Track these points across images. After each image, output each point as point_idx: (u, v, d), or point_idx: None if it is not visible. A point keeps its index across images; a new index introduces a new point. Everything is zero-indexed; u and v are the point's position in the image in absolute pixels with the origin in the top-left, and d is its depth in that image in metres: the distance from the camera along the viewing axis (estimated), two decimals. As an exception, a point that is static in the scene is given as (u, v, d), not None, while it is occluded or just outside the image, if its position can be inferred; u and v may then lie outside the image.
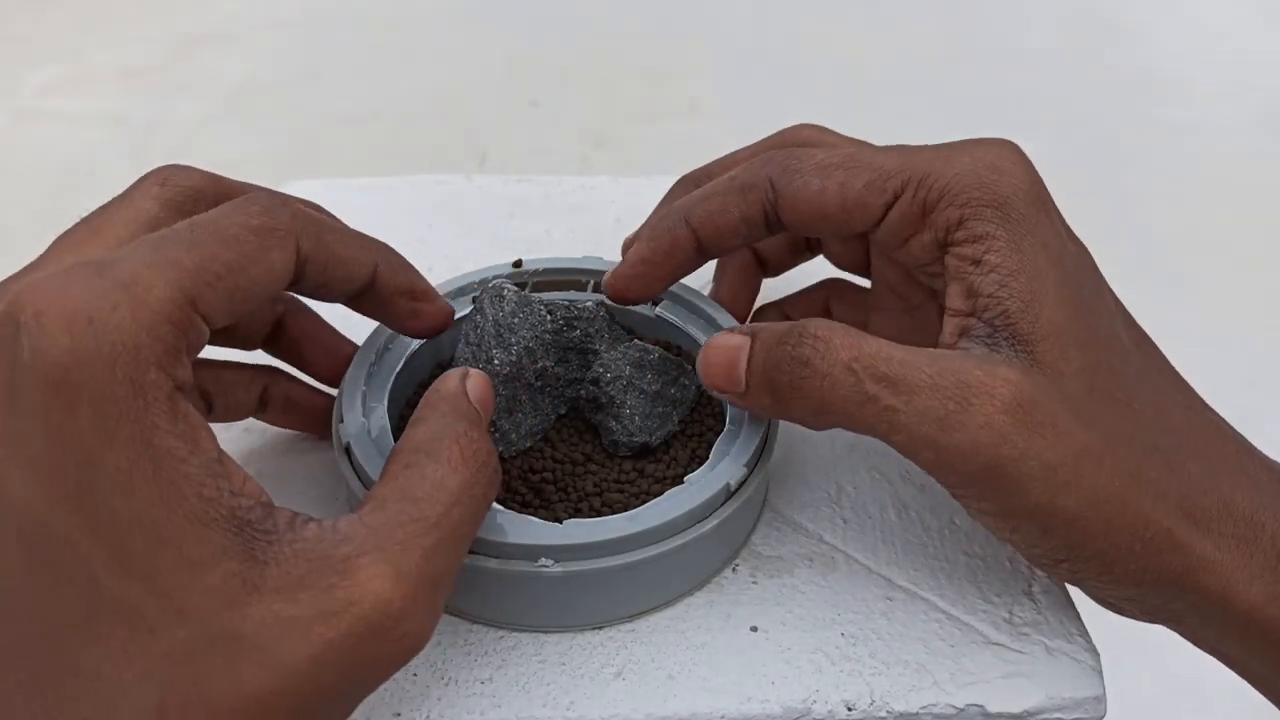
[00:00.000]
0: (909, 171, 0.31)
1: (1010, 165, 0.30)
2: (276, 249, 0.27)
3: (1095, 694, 0.30)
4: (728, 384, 0.31)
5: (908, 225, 0.31)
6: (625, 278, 0.34)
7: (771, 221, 0.33)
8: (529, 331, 0.33)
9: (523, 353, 0.33)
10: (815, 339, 0.29)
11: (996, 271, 0.29)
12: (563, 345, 0.35)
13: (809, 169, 0.32)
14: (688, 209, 0.33)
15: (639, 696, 0.30)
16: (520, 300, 0.34)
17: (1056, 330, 0.29)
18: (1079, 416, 0.28)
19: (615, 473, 0.34)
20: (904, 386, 0.27)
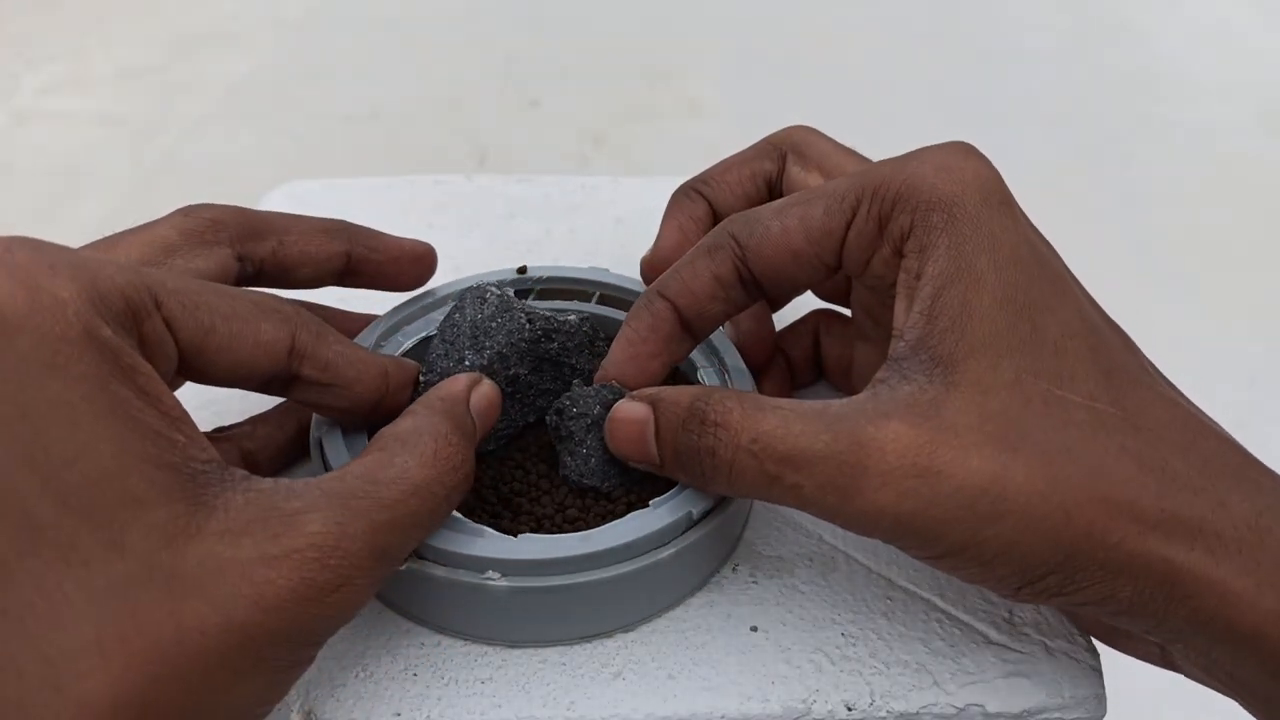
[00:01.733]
0: (861, 186, 0.30)
1: (960, 163, 0.30)
2: (270, 323, 0.28)
3: (1095, 693, 0.30)
4: (642, 458, 0.31)
5: (867, 243, 0.31)
6: (619, 364, 0.33)
7: (745, 279, 0.32)
8: (505, 337, 0.33)
9: (495, 358, 0.33)
10: (716, 427, 0.28)
11: (931, 284, 0.28)
12: (539, 355, 0.34)
13: (766, 215, 0.32)
14: (660, 284, 0.33)
15: (639, 696, 0.30)
16: (502, 304, 0.33)
17: (987, 341, 0.28)
18: (1003, 439, 0.26)
19: (580, 491, 0.33)
20: (802, 462, 0.27)
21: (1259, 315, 1.32)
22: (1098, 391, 0.28)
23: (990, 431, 0.27)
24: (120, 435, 0.23)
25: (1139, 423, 0.28)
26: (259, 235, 0.34)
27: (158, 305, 0.26)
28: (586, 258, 0.40)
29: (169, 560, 0.23)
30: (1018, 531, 0.26)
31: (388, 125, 1.66)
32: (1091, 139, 1.63)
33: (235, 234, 0.33)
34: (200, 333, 0.27)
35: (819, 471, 0.27)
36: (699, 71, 1.79)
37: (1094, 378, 0.28)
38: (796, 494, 0.27)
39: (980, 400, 0.27)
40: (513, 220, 0.48)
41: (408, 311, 0.37)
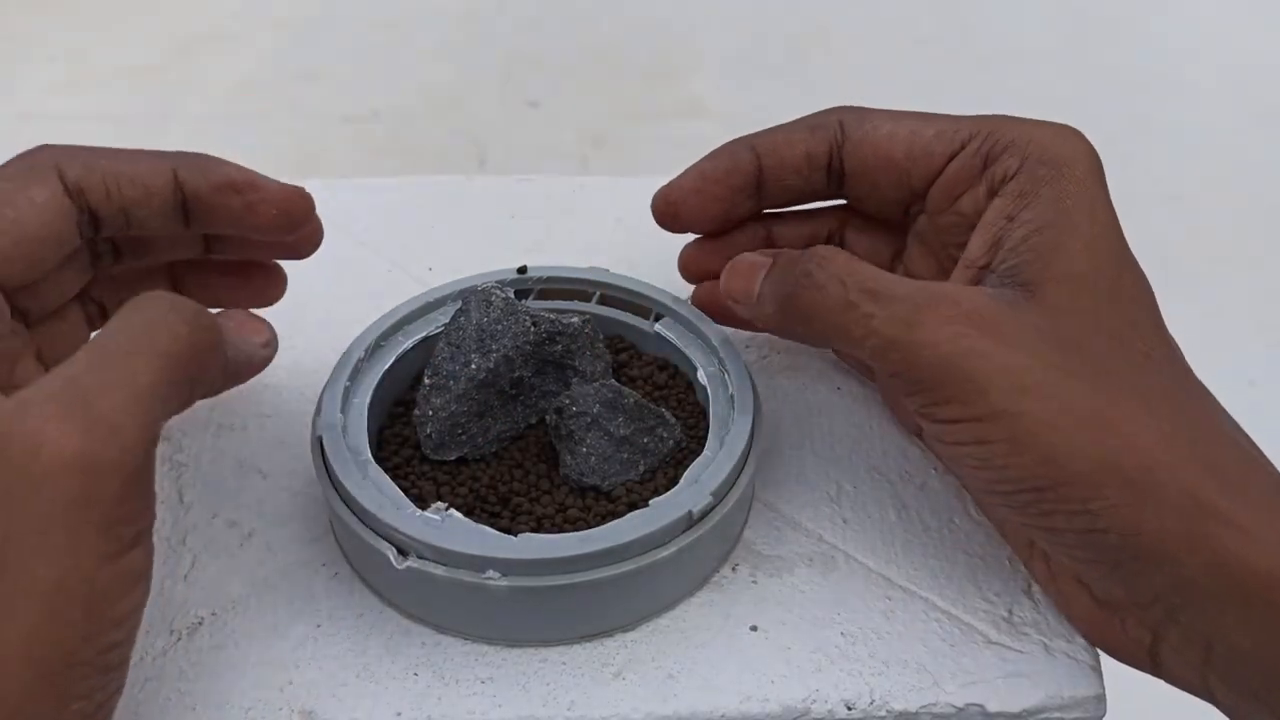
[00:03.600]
0: (979, 126, 0.32)
1: (1077, 138, 0.32)
2: (34, 184, 0.28)
3: (1095, 693, 0.30)
4: (742, 294, 0.33)
5: (966, 178, 0.32)
6: (683, 190, 0.34)
7: (834, 168, 0.33)
8: (510, 340, 0.33)
9: (500, 361, 0.33)
10: (820, 257, 0.30)
11: (1025, 227, 0.30)
12: (542, 358, 0.34)
13: (880, 116, 0.33)
14: (754, 136, 0.34)
15: (639, 696, 0.30)
16: (507, 307, 0.34)
17: (1072, 275, 0.29)
18: (1066, 346, 0.28)
19: (581, 491, 0.33)
20: (882, 296, 0.29)
21: (1259, 315, 1.32)
22: (1156, 345, 0.30)
23: (1054, 336, 0.28)
24: None
25: (1184, 383, 0.30)
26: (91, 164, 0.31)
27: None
28: (586, 258, 0.40)
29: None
30: (1059, 415, 0.27)
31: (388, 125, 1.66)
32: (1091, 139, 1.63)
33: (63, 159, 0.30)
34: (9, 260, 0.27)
35: (894, 306, 0.28)
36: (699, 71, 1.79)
37: (1157, 336, 0.30)
38: (867, 323, 0.29)
39: (1055, 316, 0.29)
40: (513, 220, 0.48)
41: (408, 311, 0.37)
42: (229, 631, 0.31)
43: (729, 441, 0.33)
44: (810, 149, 0.33)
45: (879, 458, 0.37)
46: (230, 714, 0.29)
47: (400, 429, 0.35)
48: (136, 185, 0.29)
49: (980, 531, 0.35)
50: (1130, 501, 0.26)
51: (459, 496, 0.33)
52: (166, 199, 0.30)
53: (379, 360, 0.36)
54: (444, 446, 0.33)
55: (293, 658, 0.31)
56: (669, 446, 0.34)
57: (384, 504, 0.30)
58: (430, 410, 0.33)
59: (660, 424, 0.34)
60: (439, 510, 0.30)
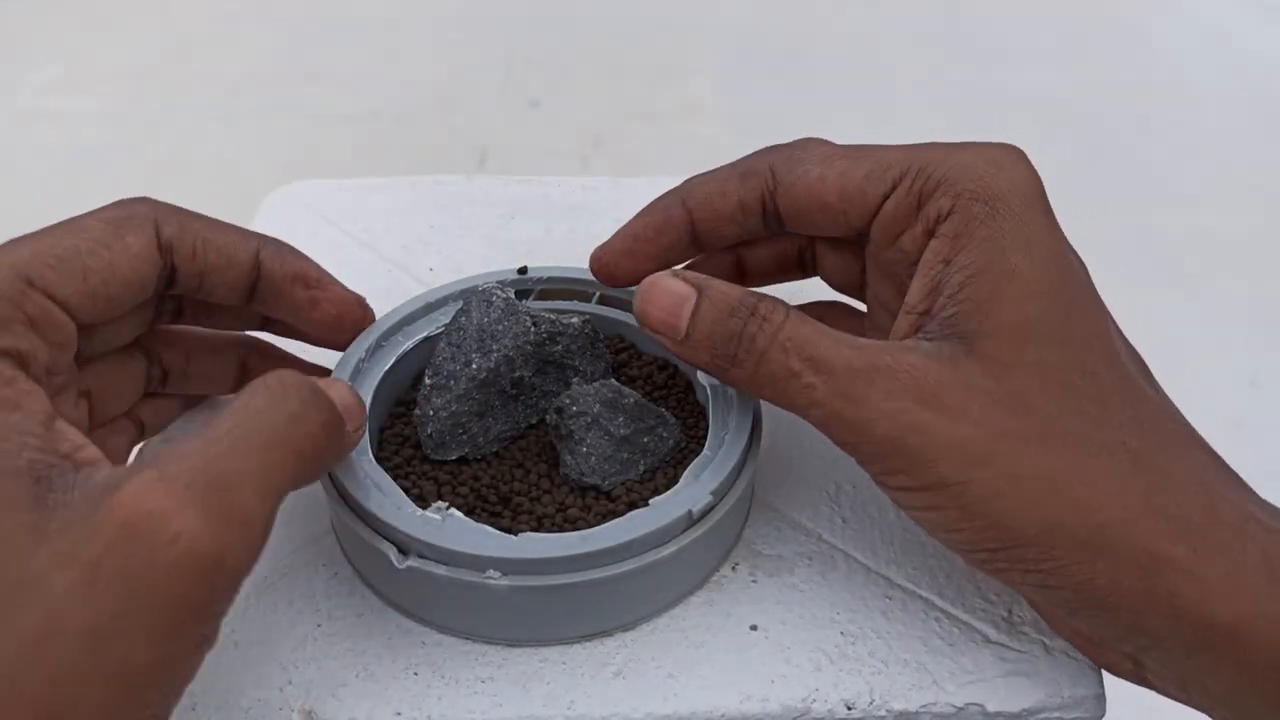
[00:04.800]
0: (910, 162, 0.31)
1: (1012, 163, 0.30)
2: (131, 233, 0.29)
3: (1095, 693, 0.30)
4: (667, 330, 0.31)
5: (901, 217, 0.31)
6: (614, 252, 0.34)
7: (769, 213, 0.33)
8: (511, 340, 0.33)
9: (501, 360, 0.33)
10: (763, 318, 0.29)
11: (962, 271, 0.29)
12: (543, 358, 0.34)
13: (811, 159, 0.32)
14: (685, 189, 0.33)
15: (639, 696, 0.30)
16: (507, 307, 0.34)
17: (1014, 325, 0.28)
18: (1011, 405, 0.27)
19: (582, 490, 0.33)
20: (824, 366, 0.28)
21: (1259, 315, 1.32)
22: (1113, 390, 0.28)
23: (998, 396, 0.28)
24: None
25: (1145, 426, 0.28)
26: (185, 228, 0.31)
27: (30, 282, 0.26)
28: (586, 258, 0.40)
29: (15, 570, 0.22)
30: (1004, 481, 0.27)
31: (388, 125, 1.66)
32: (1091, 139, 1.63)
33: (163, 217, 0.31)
34: (78, 280, 0.27)
35: (836, 377, 0.28)
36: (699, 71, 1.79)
37: (1113, 378, 0.29)
38: (810, 393, 0.28)
39: (999, 371, 0.28)
40: (513, 220, 0.48)
41: (408, 311, 0.37)
42: (229, 631, 0.31)
43: (729, 441, 0.33)
44: (742, 198, 0.33)
45: (879, 457, 0.37)
46: (230, 714, 0.29)
47: (400, 429, 0.35)
48: (221, 254, 0.31)
49: (980, 531, 0.35)
50: (1082, 560, 0.27)
51: (459, 496, 0.33)
52: (242, 274, 0.31)
53: (379, 360, 0.36)
54: (445, 446, 0.33)
55: (293, 658, 0.31)
56: (669, 446, 0.34)
57: (384, 504, 0.30)
58: (431, 410, 0.33)
59: (660, 424, 0.34)
60: (439, 510, 0.30)
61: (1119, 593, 0.27)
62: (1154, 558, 0.26)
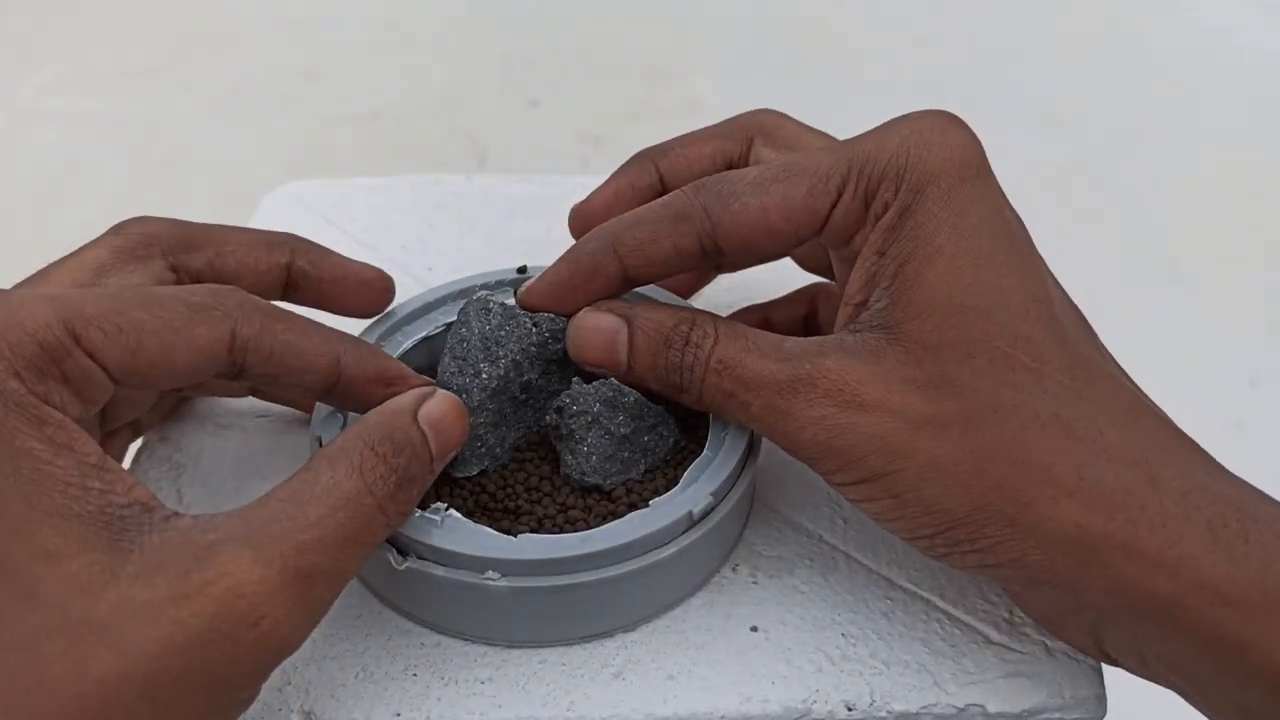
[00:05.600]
0: (848, 164, 0.30)
1: (938, 137, 0.30)
2: (204, 325, 0.27)
3: (1095, 693, 0.30)
4: (608, 364, 0.32)
5: (852, 222, 0.31)
6: (539, 295, 0.33)
7: (709, 251, 0.31)
8: (516, 345, 0.33)
9: (510, 366, 0.33)
10: (695, 347, 0.31)
11: (893, 262, 0.29)
12: (547, 358, 0.34)
13: (744, 190, 0.31)
14: (616, 236, 0.32)
15: (639, 696, 0.30)
16: (506, 313, 0.33)
17: (933, 307, 0.28)
18: (932, 390, 0.28)
19: (582, 491, 0.33)
20: (752, 383, 0.30)
21: (1259, 315, 1.32)
22: (1049, 356, 0.28)
23: (919, 382, 0.28)
24: (28, 494, 0.23)
25: (1085, 393, 0.28)
26: (194, 247, 0.33)
27: (76, 339, 0.25)
28: (586, 258, 0.40)
29: (81, 610, 0.23)
30: (929, 470, 0.27)
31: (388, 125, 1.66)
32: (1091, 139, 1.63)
33: (169, 246, 0.32)
34: (128, 354, 0.26)
35: (764, 393, 0.29)
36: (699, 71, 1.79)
37: (1049, 344, 0.29)
38: (746, 410, 0.30)
39: (920, 354, 0.28)
40: (513, 220, 0.48)
41: (408, 311, 0.37)
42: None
43: (729, 441, 0.33)
44: (677, 244, 0.31)
45: (879, 458, 0.37)
46: (230, 714, 0.29)
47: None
48: (301, 359, 0.29)
49: (980, 532, 0.35)
50: (1012, 537, 0.27)
51: (459, 497, 0.33)
52: (320, 379, 0.30)
53: (379, 360, 0.36)
54: (465, 462, 0.33)
55: (292, 659, 0.31)
56: (669, 445, 0.34)
57: (384, 504, 0.30)
58: None
59: (661, 422, 0.34)
60: (438, 510, 0.30)
61: (1054, 568, 0.27)
62: (1085, 533, 0.26)
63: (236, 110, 1.69)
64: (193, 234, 0.33)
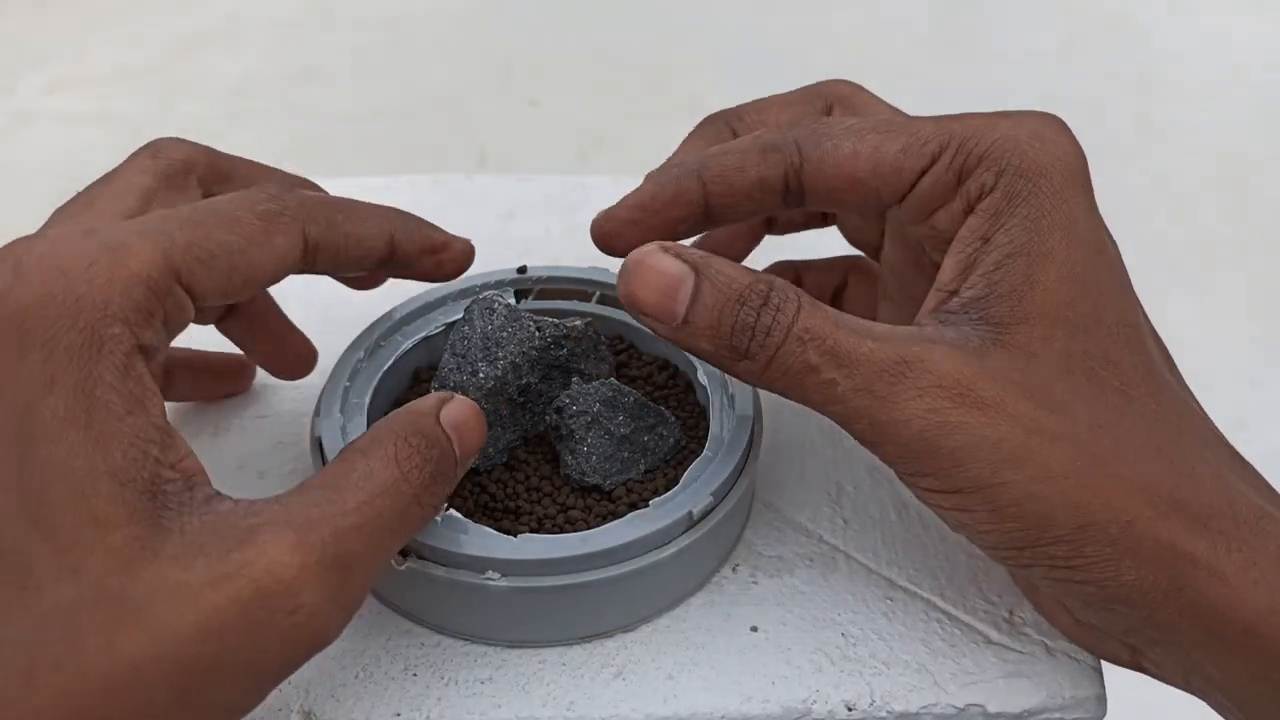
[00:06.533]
0: (948, 136, 0.29)
1: (1055, 135, 0.29)
2: (281, 234, 0.28)
3: (1095, 693, 0.30)
4: (661, 314, 0.28)
5: (939, 194, 0.29)
6: (617, 221, 0.31)
7: (792, 190, 0.30)
8: (516, 347, 0.33)
9: (508, 368, 0.32)
10: (775, 307, 0.27)
11: (999, 250, 0.28)
12: (548, 363, 0.34)
13: (840, 133, 0.30)
14: (701, 161, 0.31)
15: (639, 696, 0.30)
16: (510, 314, 0.33)
17: (1045, 312, 0.27)
18: (1041, 398, 0.27)
19: (584, 490, 0.33)
20: (845, 360, 0.27)
21: (1259, 315, 1.32)
22: (1136, 381, 0.28)
23: (1030, 388, 0.27)
24: (95, 450, 0.23)
25: (1169, 418, 0.28)
26: (226, 178, 0.33)
27: (178, 278, 0.25)
28: (586, 258, 0.40)
29: (119, 585, 0.22)
30: (1037, 484, 0.26)
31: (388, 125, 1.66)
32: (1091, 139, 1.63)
33: (204, 174, 0.32)
34: (223, 278, 0.26)
35: (859, 372, 0.27)
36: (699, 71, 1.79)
37: (1136, 368, 0.28)
38: (829, 389, 0.27)
39: (1025, 363, 0.27)
40: (513, 220, 0.48)
41: (408, 310, 0.37)
42: (228, 632, 0.31)
43: (729, 442, 0.33)
44: (763, 174, 0.30)
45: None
46: (230, 714, 0.29)
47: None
48: (362, 246, 0.31)
49: (981, 532, 0.35)
50: (1110, 557, 0.26)
51: (459, 497, 0.33)
52: (376, 258, 0.31)
53: (379, 360, 0.36)
54: None
55: (292, 658, 0.31)
56: (669, 445, 0.34)
57: (384, 504, 0.30)
58: None
59: (660, 422, 0.34)
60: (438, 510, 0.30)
61: (1142, 587, 0.26)
62: (1177, 554, 0.26)
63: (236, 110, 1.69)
64: (226, 164, 0.33)
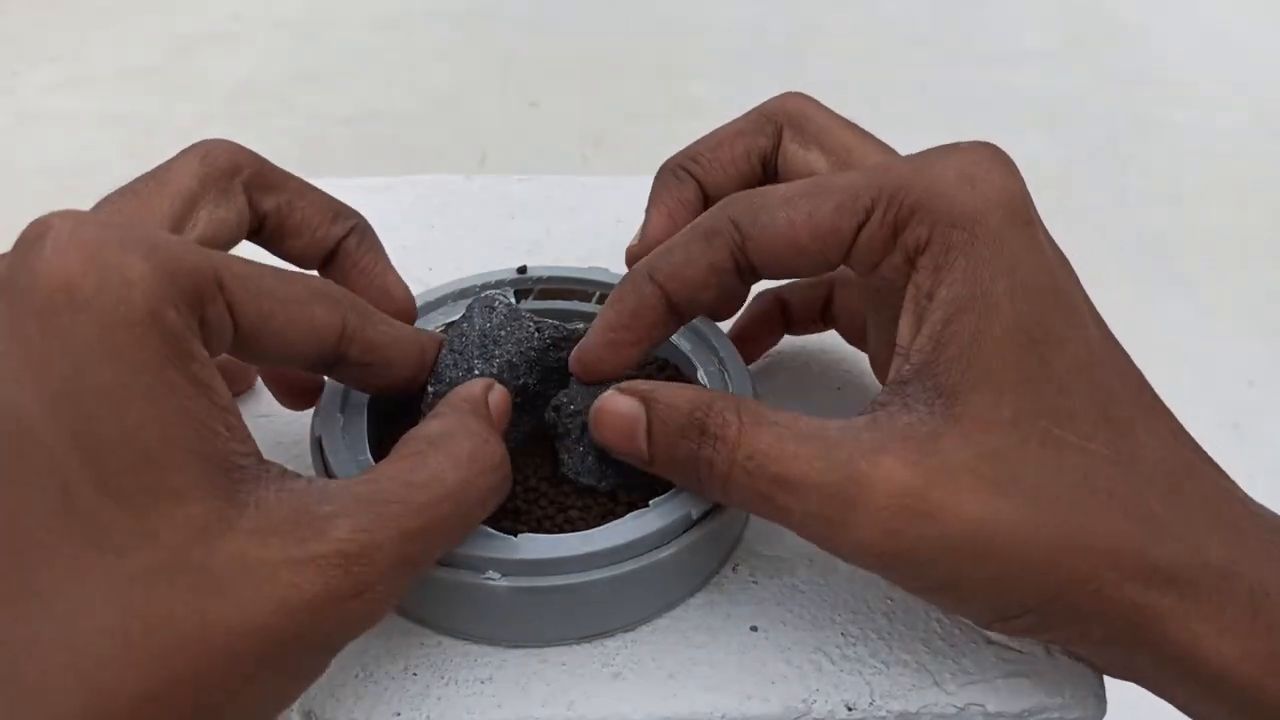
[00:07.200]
0: (879, 188, 0.29)
1: (985, 174, 0.28)
2: (322, 307, 0.28)
3: (1095, 693, 0.30)
4: (633, 455, 0.30)
5: (878, 247, 0.29)
6: (596, 348, 0.32)
7: (742, 266, 0.31)
8: (514, 346, 0.33)
9: (504, 366, 0.32)
10: (715, 439, 0.28)
11: (944, 308, 0.27)
12: (547, 365, 0.34)
13: (773, 204, 0.30)
14: (650, 265, 0.31)
15: (639, 696, 0.30)
16: (510, 314, 0.33)
17: (993, 375, 0.27)
18: (996, 479, 0.26)
19: (582, 491, 0.33)
20: (794, 486, 0.27)
21: (1259, 315, 1.32)
22: (1094, 431, 0.27)
23: (984, 473, 0.26)
24: (166, 423, 0.23)
25: (1130, 467, 0.27)
26: (270, 188, 0.33)
27: (222, 288, 0.25)
28: (586, 258, 0.40)
29: (199, 556, 0.23)
30: (1000, 573, 0.26)
31: (388, 125, 1.66)
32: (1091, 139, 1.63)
33: (249, 179, 0.32)
34: (260, 318, 0.26)
35: (810, 499, 0.27)
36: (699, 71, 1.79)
37: (1093, 417, 0.27)
38: (786, 516, 0.27)
39: (979, 438, 0.27)
40: (513, 220, 0.48)
41: (408, 311, 0.37)
42: (229, 632, 0.31)
43: None
44: (711, 260, 0.30)
45: (879, 458, 0.37)
46: (230, 714, 0.29)
47: (400, 429, 0.35)
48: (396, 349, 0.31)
49: (980, 532, 0.35)
50: (1077, 620, 0.27)
51: None
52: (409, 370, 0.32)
53: (379, 360, 0.36)
54: None
55: (292, 658, 0.31)
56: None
57: (384, 504, 0.30)
58: None
59: None
60: None
61: (1111, 641, 0.27)
62: (1145, 612, 0.26)
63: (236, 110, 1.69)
64: (271, 175, 0.33)
